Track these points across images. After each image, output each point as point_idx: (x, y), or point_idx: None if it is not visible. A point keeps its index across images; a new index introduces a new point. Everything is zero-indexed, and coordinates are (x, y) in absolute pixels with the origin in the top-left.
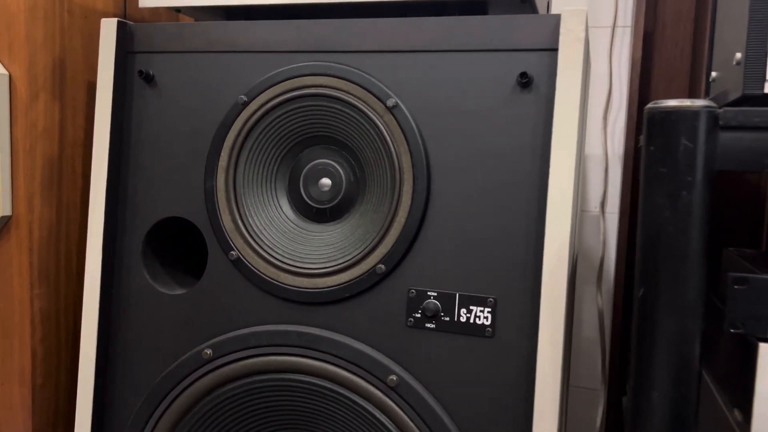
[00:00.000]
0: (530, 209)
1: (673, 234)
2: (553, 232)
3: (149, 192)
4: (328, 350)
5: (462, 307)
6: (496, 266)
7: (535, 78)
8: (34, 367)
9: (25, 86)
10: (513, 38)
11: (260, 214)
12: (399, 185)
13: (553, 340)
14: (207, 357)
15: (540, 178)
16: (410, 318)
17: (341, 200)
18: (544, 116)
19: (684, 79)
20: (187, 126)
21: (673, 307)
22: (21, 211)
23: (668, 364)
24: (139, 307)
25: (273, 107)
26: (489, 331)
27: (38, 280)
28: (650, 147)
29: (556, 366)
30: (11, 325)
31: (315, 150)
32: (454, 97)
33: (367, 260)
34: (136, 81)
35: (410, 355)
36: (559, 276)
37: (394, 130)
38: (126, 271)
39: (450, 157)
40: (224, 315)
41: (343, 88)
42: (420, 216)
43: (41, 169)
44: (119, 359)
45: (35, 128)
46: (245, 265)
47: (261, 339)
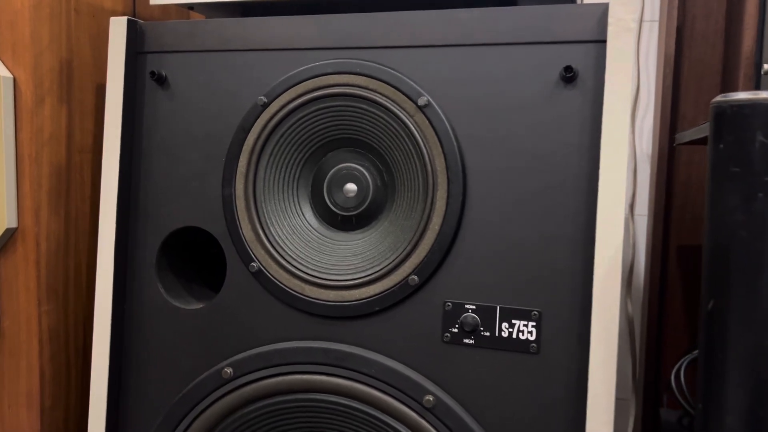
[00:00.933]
0: (577, 214)
1: (747, 240)
2: (604, 238)
3: (163, 200)
4: (358, 368)
5: (503, 321)
6: (541, 276)
7: (581, 72)
8: (42, 389)
9: (31, 90)
10: (555, 29)
11: (282, 222)
12: (432, 190)
13: (606, 358)
14: (227, 376)
15: (587, 180)
16: (447, 333)
17: (368, 207)
18: (591, 113)
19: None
20: (203, 130)
21: (748, 321)
22: (27, 222)
23: (743, 386)
24: (154, 323)
25: (295, 108)
26: (533, 347)
27: (46, 296)
28: (719, 145)
29: (610, 386)
30: (18, 344)
31: (339, 153)
32: (492, 94)
33: (399, 271)
34: (148, 82)
35: (447, 373)
36: (612, 286)
37: (426, 131)
38: (139, 284)
39: (487, 159)
40: (245, 331)
41: (370, 87)
42: (456, 223)
43: (48, 177)
44: (133, 379)
45: (41, 134)
46: (267, 278)
47: (285, 356)
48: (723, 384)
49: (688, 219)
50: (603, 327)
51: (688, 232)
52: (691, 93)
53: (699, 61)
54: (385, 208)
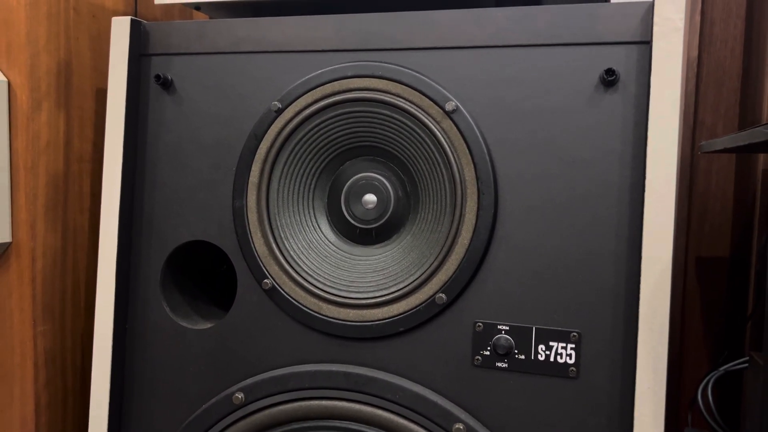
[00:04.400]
0: (620, 227)
1: None
2: (651, 254)
3: (169, 213)
4: (381, 394)
5: (540, 343)
6: (580, 295)
7: (622, 75)
8: (37, 416)
9: (26, 94)
10: (595, 30)
11: (297, 236)
12: (461, 201)
13: (654, 383)
14: (238, 402)
15: (630, 190)
16: (478, 356)
17: (389, 219)
18: (634, 118)
19: (735, 80)
20: (212, 137)
21: None
22: (22, 236)
23: None
24: (159, 345)
25: (311, 114)
26: (573, 371)
27: (42, 316)
28: None
29: (659, 415)
30: (11, 368)
31: (358, 162)
32: (526, 98)
33: (425, 288)
34: (153, 86)
35: (478, 399)
36: (661, 306)
37: (454, 138)
38: (143, 303)
39: (521, 168)
40: (257, 353)
41: (393, 91)
42: (487, 237)
43: (45, 188)
44: (135, 405)
45: (38, 142)
46: (281, 295)
47: (301, 380)
48: None
49: (707, 229)
50: (650, 350)
51: (708, 243)
52: (710, 99)
53: (718, 66)
54: (407, 220)
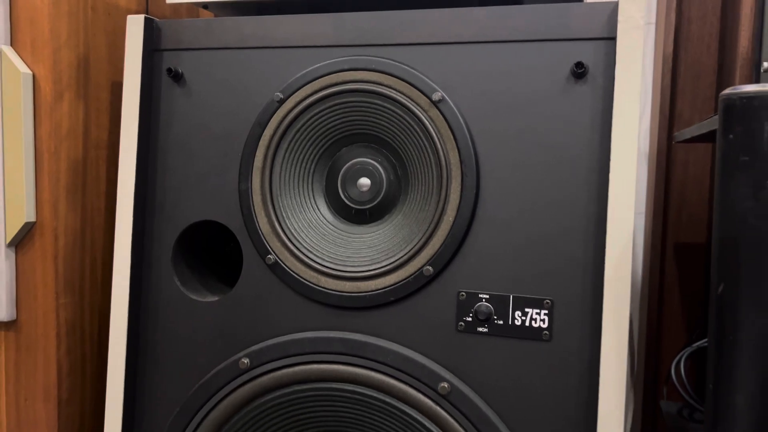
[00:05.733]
0: (588, 206)
1: (756, 226)
2: (615, 229)
3: (179, 196)
4: (374, 357)
5: (516, 310)
6: (553, 266)
7: (591, 68)
8: (59, 382)
9: (50, 86)
10: (567, 27)
11: (298, 216)
12: (446, 183)
13: (617, 344)
14: (244, 366)
15: (598, 173)
16: (461, 322)
17: (382, 200)
18: (602, 108)
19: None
20: (219, 126)
21: (757, 304)
22: (46, 217)
23: (753, 366)
24: (171, 316)
25: (310, 104)
26: (546, 335)
27: (63, 290)
28: (729, 135)
29: (621, 372)
30: (35, 338)
31: (354, 149)
32: (505, 89)
33: (414, 262)
34: (164, 79)
35: (462, 361)
36: (623, 276)
37: (440, 126)
38: (156, 278)
39: (500, 153)
40: (262, 322)
41: (385, 83)
42: (469, 215)
43: (66, 172)
44: (149, 371)
45: (60, 129)
46: (283, 269)
47: (302, 346)
48: (733, 365)
49: (684, 217)
50: (614, 314)
51: (685, 230)
52: (687, 93)
53: (695, 62)
54: (398, 201)
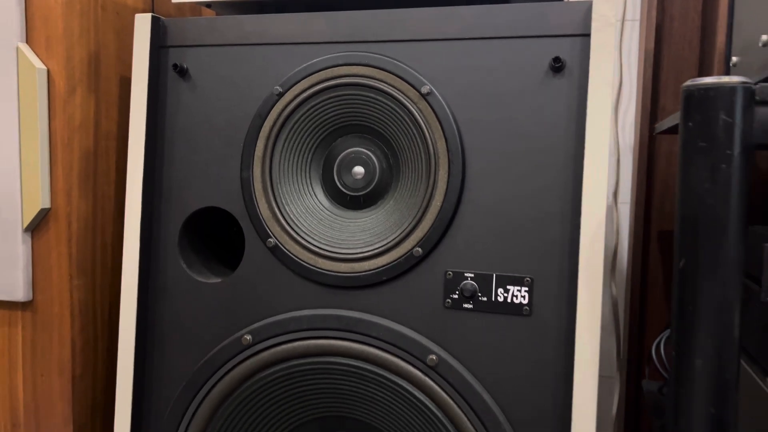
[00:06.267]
0: (565, 191)
1: (713, 206)
2: (589, 212)
3: (185, 184)
4: (368, 332)
5: (499, 287)
6: (533, 247)
7: (568, 62)
8: (73, 358)
9: (63, 81)
10: (545, 24)
11: (296, 202)
12: (434, 170)
13: (591, 318)
14: (246, 343)
15: (574, 160)
16: (448, 299)
17: (375, 187)
18: (577, 100)
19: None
20: (222, 118)
21: (714, 276)
22: (60, 203)
23: (710, 333)
24: (177, 297)
25: (308, 97)
26: (526, 310)
27: (76, 272)
28: (689, 123)
29: (595, 343)
30: (50, 317)
31: (348, 139)
32: (488, 83)
33: (404, 244)
34: (171, 74)
35: (449, 335)
36: (596, 255)
37: (429, 117)
38: (163, 261)
39: (485, 142)
40: (262, 301)
41: (378, 77)
42: (456, 199)
43: (78, 161)
44: (157, 348)
45: (73, 121)
46: (283, 252)
47: (300, 323)
48: (693, 332)
49: (667, 206)
50: (588, 290)
51: (668, 219)
52: (670, 87)
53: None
54: (390, 188)
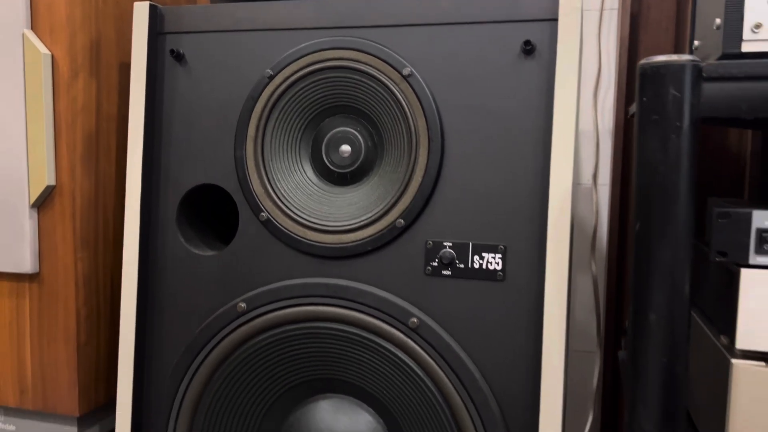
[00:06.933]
0: (536, 165)
1: (664, 174)
2: (556, 186)
3: (182, 162)
4: (354, 298)
5: (475, 255)
6: (506, 217)
7: (538, 46)
8: (78, 327)
9: (67, 65)
10: (517, 10)
11: (287, 178)
12: (415, 147)
13: (558, 282)
14: (241, 310)
15: (544, 136)
16: (428, 266)
17: (361, 165)
18: (547, 80)
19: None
20: (217, 100)
21: (666, 238)
22: (64, 181)
23: (663, 289)
24: (176, 269)
25: (297, 80)
26: (500, 275)
27: (80, 246)
28: (643, 98)
29: (562, 304)
30: (56, 289)
31: (336, 119)
32: (465, 65)
33: (387, 216)
34: (168, 60)
35: (429, 299)
36: (563, 224)
37: (410, 97)
38: (162, 236)
39: (462, 120)
40: (256, 272)
41: (362, 60)
42: (435, 174)
43: (81, 142)
44: (157, 317)
45: (76, 104)
46: (275, 225)
47: (291, 291)
48: (648, 289)
49: None
50: (556, 257)
51: None
52: None
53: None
54: (375, 165)
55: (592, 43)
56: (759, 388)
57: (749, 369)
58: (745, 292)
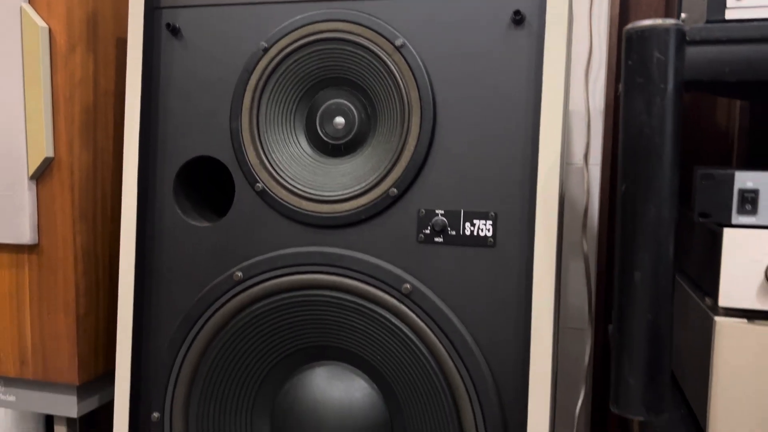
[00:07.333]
0: (526, 133)
1: (649, 135)
2: (545, 154)
3: (178, 135)
4: (348, 266)
5: (467, 222)
6: (496, 185)
7: (527, 16)
8: (77, 298)
9: (64, 38)
10: None
11: (282, 150)
12: (408, 117)
13: (546, 246)
14: (237, 279)
15: (534, 105)
16: (420, 234)
17: (354, 136)
18: (536, 50)
19: None
20: (212, 73)
21: (651, 198)
22: (62, 153)
23: (648, 248)
24: (173, 240)
25: (291, 52)
26: (491, 241)
27: (79, 218)
28: (629, 62)
29: (551, 269)
30: (56, 260)
31: (329, 91)
32: (456, 36)
33: (381, 185)
34: (164, 33)
35: (421, 266)
36: (551, 191)
37: (403, 68)
38: (159, 208)
39: (453, 90)
40: (252, 242)
41: (355, 32)
42: (427, 143)
43: (79, 115)
44: (155, 287)
45: (73, 77)
46: (270, 196)
47: (286, 260)
48: (633, 248)
49: None
50: (545, 224)
51: None
52: None
53: None
54: (368, 136)
55: (583, 25)
56: (741, 344)
57: (732, 325)
58: (727, 251)
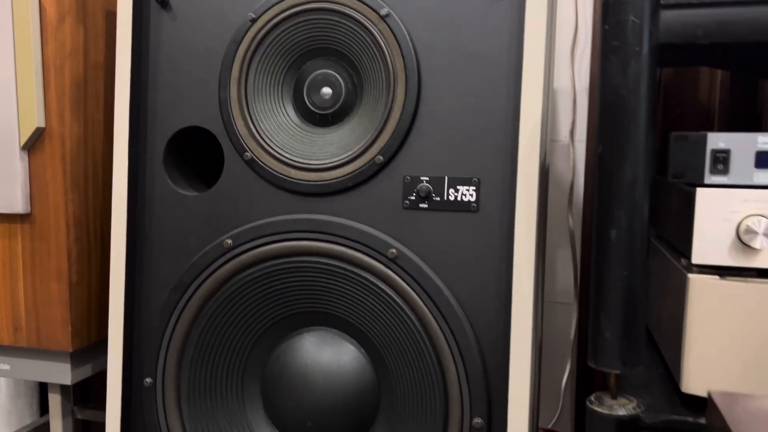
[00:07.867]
0: (508, 101)
1: (625, 96)
2: (526, 121)
3: (168, 106)
4: (336, 232)
5: (450, 188)
6: (480, 152)
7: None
8: (69, 266)
9: (54, 9)
10: None
11: (270, 119)
12: (393, 86)
13: (527, 210)
14: (227, 246)
15: (515, 73)
16: (406, 200)
17: (341, 106)
18: (518, 20)
19: None
20: (201, 44)
21: (626, 158)
22: (54, 123)
23: (623, 206)
24: (164, 209)
25: (278, 22)
26: (474, 207)
27: (71, 187)
28: (605, 26)
29: (531, 232)
30: (47, 228)
31: (317, 62)
32: (440, 6)
33: (367, 153)
34: (153, 6)
35: (407, 231)
36: (532, 157)
37: (388, 37)
38: (149, 177)
39: (437, 59)
40: (241, 210)
41: (341, 2)
42: (412, 111)
43: (70, 86)
44: (146, 256)
45: (64, 48)
46: (259, 165)
47: (276, 227)
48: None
49: None
50: (526, 189)
51: None
52: None
53: None
54: (355, 105)
55: (568, 3)
56: (713, 299)
57: (704, 281)
58: (700, 210)
